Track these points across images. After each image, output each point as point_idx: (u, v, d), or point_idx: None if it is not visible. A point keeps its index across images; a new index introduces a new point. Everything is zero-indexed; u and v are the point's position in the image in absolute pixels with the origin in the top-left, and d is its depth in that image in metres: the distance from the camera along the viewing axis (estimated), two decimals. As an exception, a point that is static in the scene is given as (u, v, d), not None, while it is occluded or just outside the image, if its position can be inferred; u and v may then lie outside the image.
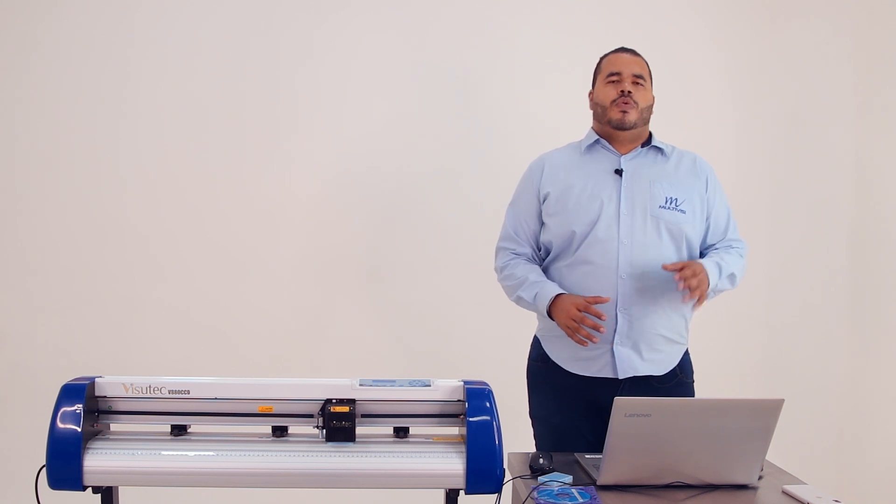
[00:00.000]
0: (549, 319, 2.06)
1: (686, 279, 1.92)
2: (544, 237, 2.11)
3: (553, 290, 2.02)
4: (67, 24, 2.90)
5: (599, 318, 1.93)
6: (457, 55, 3.05)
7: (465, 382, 1.69)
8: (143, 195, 2.95)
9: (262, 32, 2.98)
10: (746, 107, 3.15)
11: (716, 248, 2.11)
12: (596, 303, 1.94)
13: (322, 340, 3.05)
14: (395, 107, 3.03)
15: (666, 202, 2.03)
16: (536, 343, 2.18)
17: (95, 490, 1.66)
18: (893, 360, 3.19)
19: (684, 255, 2.06)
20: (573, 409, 2.06)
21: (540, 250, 2.15)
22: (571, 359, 2.07)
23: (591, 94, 2.17)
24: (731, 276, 2.05)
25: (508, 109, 3.05)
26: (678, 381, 2.08)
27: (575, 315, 1.94)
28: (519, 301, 2.11)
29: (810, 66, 3.17)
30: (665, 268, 1.95)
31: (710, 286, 1.97)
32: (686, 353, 2.13)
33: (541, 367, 2.14)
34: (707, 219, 2.10)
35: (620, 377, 2.02)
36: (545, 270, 2.13)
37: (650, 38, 2.93)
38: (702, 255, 2.11)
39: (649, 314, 2.01)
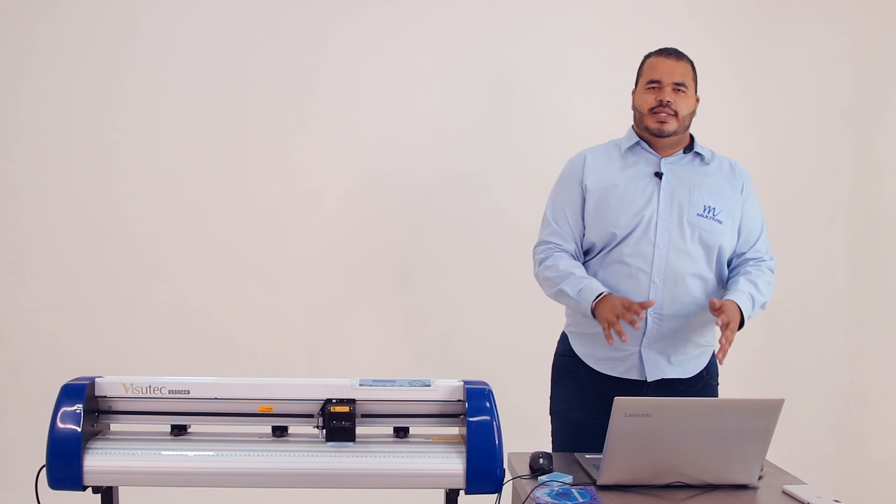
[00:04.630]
0: (579, 317, 2.06)
1: (724, 326, 1.89)
2: (586, 235, 2.08)
3: (598, 287, 1.97)
4: (71, 22, 2.90)
5: (634, 321, 1.89)
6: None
7: (465, 382, 1.69)
8: (143, 195, 2.95)
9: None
10: (746, 106, 3.15)
11: (747, 264, 2.07)
12: (643, 307, 1.90)
13: (323, 340, 3.05)
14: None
15: (704, 210, 2.01)
16: (564, 338, 2.18)
17: (95, 490, 1.66)
18: (893, 359, 3.19)
19: (713, 266, 2.04)
20: (596, 405, 2.02)
21: (584, 249, 2.11)
22: (598, 357, 2.07)
23: (633, 92, 2.12)
24: (764, 305, 2.03)
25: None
26: (704, 383, 2.08)
27: (617, 308, 1.90)
28: (559, 295, 2.05)
29: (810, 66, 3.17)
30: (713, 303, 1.93)
31: (745, 320, 1.97)
32: (713, 356, 2.12)
33: (567, 362, 2.14)
34: (738, 228, 2.08)
35: (649, 380, 2.02)
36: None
37: (650, 38, 2.94)
38: (729, 264, 2.09)
39: (680, 319, 2.01)
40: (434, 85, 3.03)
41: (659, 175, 2.04)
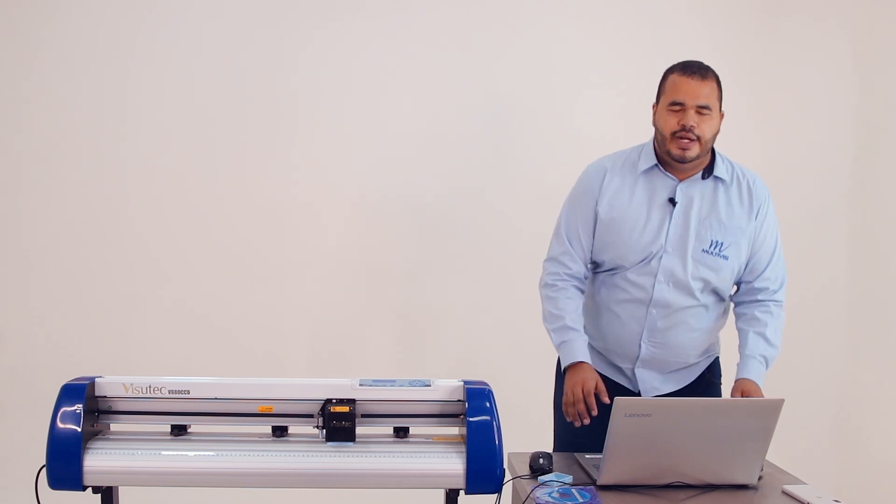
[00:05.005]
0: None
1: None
2: (595, 254, 2.06)
3: (579, 354, 1.96)
4: (72, 25, 2.90)
5: (590, 412, 1.89)
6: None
7: (465, 382, 1.69)
8: (144, 196, 2.95)
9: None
10: (745, 106, 3.14)
11: (755, 303, 2.04)
12: (602, 396, 1.89)
13: (323, 340, 3.04)
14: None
15: (711, 246, 1.96)
16: None
17: (95, 490, 1.66)
18: (892, 359, 3.19)
19: (713, 294, 2.00)
20: (596, 400, 2.03)
21: (592, 262, 2.10)
22: (597, 363, 2.07)
23: (654, 106, 2.02)
24: (775, 358, 2.03)
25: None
26: (706, 381, 2.09)
27: (577, 392, 1.90)
28: (548, 332, 2.06)
29: (810, 66, 3.17)
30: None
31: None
32: (715, 358, 2.12)
33: None
34: (749, 253, 2.02)
35: (643, 396, 2.03)
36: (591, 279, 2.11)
37: (651, 41, 2.95)
38: (739, 286, 2.06)
39: (674, 346, 2.01)
40: (436, 92, 3.03)
41: (672, 202, 1.98)
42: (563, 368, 2.00)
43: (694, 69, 1.93)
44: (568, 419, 1.94)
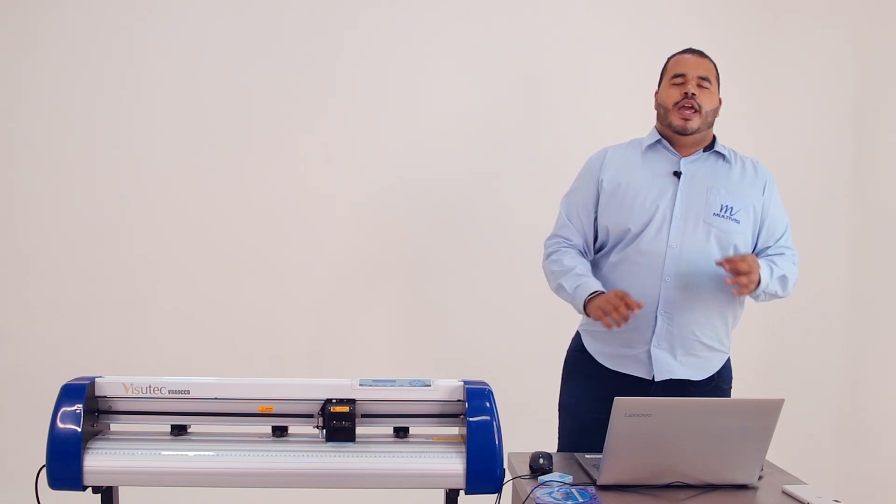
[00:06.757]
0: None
1: (736, 266, 1.89)
2: (600, 228, 2.09)
3: (595, 285, 2.00)
4: (68, 25, 2.90)
5: (631, 309, 1.89)
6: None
7: (465, 382, 1.69)
8: (143, 196, 2.95)
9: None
10: (745, 106, 3.14)
11: (767, 254, 2.07)
12: (636, 305, 1.91)
13: (323, 340, 3.04)
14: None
15: (721, 210, 2.01)
16: (577, 336, 2.20)
17: (95, 490, 1.66)
18: (893, 359, 3.19)
19: (723, 269, 2.00)
20: (602, 402, 2.01)
21: (596, 241, 2.12)
22: (609, 355, 2.08)
23: (656, 93, 2.13)
24: (783, 279, 2.01)
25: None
26: (714, 385, 2.09)
27: (613, 302, 1.91)
28: (559, 289, 2.08)
29: (810, 66, 3.17)
30: (719, 264, 1.93)
31: (762, 284, 1.94)
32: (727, 361, 2.13)
33: (577, 357, 2.16)
34: (760, 225, 2.07)
35: (657, 379, 2.02)
36: (594, 263, 2.12)
37: (655, 38, 2.94)
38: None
39: (689, 319, 2.01)
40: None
41: (677, 175, 2.03)
42: (583, 305, 1.98)
43: (693, 50, 2.10)
44: (610, 327, 1.92)
